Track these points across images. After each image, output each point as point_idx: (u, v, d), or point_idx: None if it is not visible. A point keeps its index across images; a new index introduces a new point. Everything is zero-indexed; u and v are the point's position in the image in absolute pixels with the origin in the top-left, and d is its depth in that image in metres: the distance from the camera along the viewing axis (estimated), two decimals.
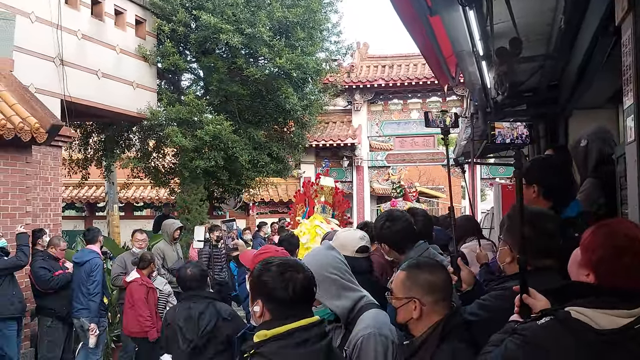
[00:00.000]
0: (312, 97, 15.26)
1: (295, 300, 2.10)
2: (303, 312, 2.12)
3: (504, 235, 2.68)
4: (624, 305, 1.68)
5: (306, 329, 2.08)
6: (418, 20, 3.81)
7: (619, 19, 2.62)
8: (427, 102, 21.43)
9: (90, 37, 11.28)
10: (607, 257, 1.72)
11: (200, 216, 13.52)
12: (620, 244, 1.70)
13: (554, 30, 4.27)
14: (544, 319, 1.77)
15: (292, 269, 2.14)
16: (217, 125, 12.65)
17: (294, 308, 2.11)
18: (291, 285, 2.10)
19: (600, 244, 1.75)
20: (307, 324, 2.09)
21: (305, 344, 2.05)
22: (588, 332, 1.67)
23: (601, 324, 1.67)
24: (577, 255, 1.86)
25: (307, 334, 2.07)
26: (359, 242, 3.39)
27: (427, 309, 2.31)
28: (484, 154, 9.84)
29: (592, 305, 1.70)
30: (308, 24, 13.72)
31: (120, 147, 15.21)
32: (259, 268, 2.21)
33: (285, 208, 21.97)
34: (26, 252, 7.32)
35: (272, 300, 2.12)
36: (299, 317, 2.09)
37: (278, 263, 2.18)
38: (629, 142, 2.53)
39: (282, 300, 2.10)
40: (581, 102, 5.06)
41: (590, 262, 1.77)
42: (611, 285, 1.70)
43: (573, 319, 1.70)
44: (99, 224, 20.19)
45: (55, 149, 9.96)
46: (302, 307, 2.13)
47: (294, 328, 2.06)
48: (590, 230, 1.81)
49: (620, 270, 1.69)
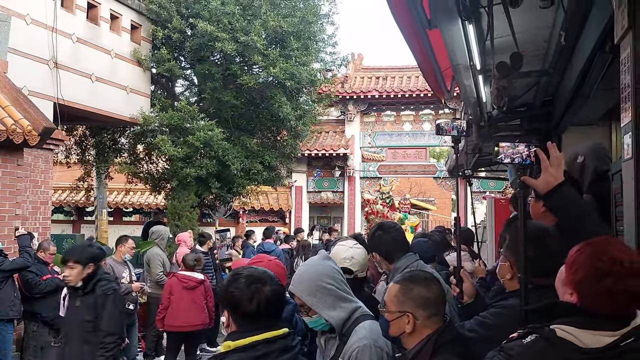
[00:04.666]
0: (306, 107, 15.30)
1: (261, 313, 2.12)
2: (269, 325, 2.13)
3: (505, 252, 2.67)
4: (608, 326, 1.67)
5: (270, 342, 2.09)
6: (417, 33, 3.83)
7: (618, 37, 2.64)
8: (420, 114, 21.54)
9: (85, 41, 11.26)
10: (588, 278, 1.70)
11: (190, 223, 13.49)
12: (601, 267, 1.67)
13: (551, 47, 4.30)
14: (529, 337, 1.77)
15: (259, 282, 2.15)
16: (208, 131, 12.64)
17: (260, 321, 2.12)
18: (257, 298, 2.12)
19: (583, 265, 1.72)
20: (271, 337, 2.10)
21: (267, 357, 2.07)
22: (572, 351, 1.67)
23: (586, 342, 1.66)
24: (562, 273, 1.85)
25: (270, 347, 2.08)
26: (342, 262, 3.32)
27: (420, 323, 2.30)
28: (475, 167, 9.89)
29: (576, 324, 1.69)
30: (303, 34, 13.77)
31: (112, 152, 15.16)
32: (227, 279, 2.23)
33: (276, 217, 21.96)
34: (30, 252, 7.30)
35: (238, 312, 2.14)
36: (264, 329, 2.11)
37: (246, 275, 2.19)
38: (625, 159, 2.54)
39: (248, 313, 2.12)
40: (575, 118, 5.09)
41: (573, 282, 1.75)
42: (592, 307, 1.69)
43: (558, 338, 1.69)
44: (88, 228, 20.10)
45: (46, 152, 9.90)
46: (268, 320, 2.14)
47: (258, 341, 2.08)
48: (576, 249, 1.79)
49: (601, 293, 1.67)
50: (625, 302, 1.67)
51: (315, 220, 23.32)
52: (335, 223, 21.63)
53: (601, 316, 1.68)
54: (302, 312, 2.68)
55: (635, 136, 2.41)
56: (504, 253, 2.65)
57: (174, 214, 13.60)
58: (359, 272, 3.40)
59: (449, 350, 2.28)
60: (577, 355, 1.66)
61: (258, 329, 2.10)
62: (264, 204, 21.60)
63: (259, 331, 2.10)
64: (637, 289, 1.66)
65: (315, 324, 2.65)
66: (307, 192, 22.34)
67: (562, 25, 3.56)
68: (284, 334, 2.15)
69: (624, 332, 1.67)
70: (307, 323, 2.69)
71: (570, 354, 1.67)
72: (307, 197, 22.36)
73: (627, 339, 1.66)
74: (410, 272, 2.57)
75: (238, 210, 20.43)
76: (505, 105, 3.36)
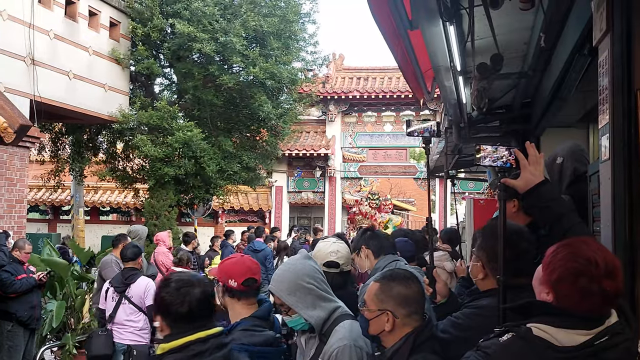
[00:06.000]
0: (287, 106, 15.28)
1: (192, 315, 2.21)
2: (201, 325, 2.22)
3: (477, 251, 2.68)
4: (582, 325, 1.70)
5: (203, 341, 2.18)
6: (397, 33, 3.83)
7: (596, 40, 2.66)
8: (401, 115, 21.62)
9: (63, 38, 11.13)
10: (564, 278, 1.72)
11: (168, 222, 13.40)
12: (577, 267, 1.70)
13: (530, 49, 4.34)
14: (506, 336, 1.79)
15: (188, 285, 2.24)
16: (187, 131, 12.57)
17: (192, 322, 2.21)
18: (187, 301, 2.20)
19: (559, 265, 1.75)
20: (204, 337, 2.19)
21: (201, 355, 2.15)
22: (548, 349, 1.69)
23: (561, 341, 1.69)
24: (539, 272, 1.88)
25: (204, 346, 2.17)
26: (328, 256, 3.38)
27: (399, 322, 2.30)
28: (454, 168, 9.96)
29: (552, 323, 1.72)
30: (284, 33, 13.75)
31: (89, 151, 14.99)
32: (158, 286, 2.33)
33: (256, 217, 21.88)
34: (5, 251, 7.20)
35: (170, 315, 2.23)
36: (196, 330, 2.19)
37: (175, 279, 2.29)
38: (603, 161, 2.57)
39: (179, 315, 2.20)
40: (553, 120, 5.14)
41: (549, 282, 1.77)
42: (568, 306, 1.72)
43: (534, 336, 1.72)
44: (64, 227, 19.88)
45: (22, 150, 9.76)
46: (200, 321, 2.23)
47: (191, 341, 2.16)
48: (552, 249, 1.81)
49: (577, 292, 1.70)
50: (600, 301, 1.70)
51: (295, 220, 23.30)
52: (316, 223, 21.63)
53: (576, 315, 1.71)
54: (282, 312, 2.67)
55: (612, 138, 2.44)
56: (475, 253, 2.65)
57: (151, 213, 13.49)
58: (345, 265, 3.44)
59: (428, 349, 2.29)
60: (553, 354, 1.69)
61: (190, 330, 2.19)
62: (244, 204, 21.52)
63: (191, 332, 2.19)
64: (612, 289, 1.70)
65: (294, 323, 2.64)
66: (287, 192, 22.31)
67: (542, 27, 3.59)
68: (216, 332, 2.24)
69: (598, 331, 1.70)
70: (287, 322, 2.68)
71: (545, 352, 1.70)
72: (287, 197, 22.33)
73: (601, 337, 1.69)
74: (391, 270, 2.57)
75: (217, 210, 20.34)
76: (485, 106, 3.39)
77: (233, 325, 2.70)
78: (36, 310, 7.65)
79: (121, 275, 6.50)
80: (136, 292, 6.32)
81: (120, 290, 6.34)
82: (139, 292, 6.31)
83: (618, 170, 2.41)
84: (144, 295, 6.28)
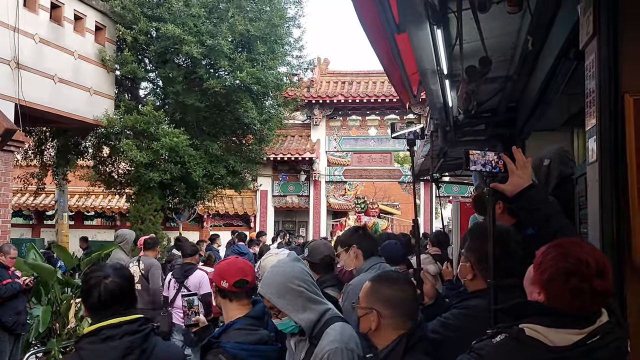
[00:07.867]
0: (272, 112, 15.26)
1: (104, 302, 2.39)
2: (116, 313, 2.38)
3: (466, 252, 2.70)
4: (574, 325, 1.72)
5: (115, 327, 2.34)
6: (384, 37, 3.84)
7: (583, 43, 2.69)
8: (385, 119, 21.68)
9: (48, 42, 11.04)
10: (555, 278, 1.74)
11: (154, 227, 13.33)
12: (568, 267, 1.72)
13: (517, 52, 4.37)
14: (498, 337, 1.80)
15: (100, 276, 2.43)
16: (174, 137, 12.51)
17: (106, 309, 2.39)
18: (97, 290, 2.39)
19: (550, 265, 1.77)
20: (116, 323, 2.35)
21: (112, 339, 2.32)
22: (541, 349, 1.71)
23: (554, 340, 1.70)
24: (530, 273, 1.89)
25: (115, 331, 2.33)
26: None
27: (385, 322, 2.32)
28: (439, 172, 10.01)
29: (544, 323, 1.74)
30: (270, 37, 13.74)
31: (74, 155, 14.87)
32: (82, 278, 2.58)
33: (241, 221, 21.83)
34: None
35: (86, 303, 2.46)
36: (110, 316, 2.37)
37: (91, 270, 2.51)
38: (590, 163, 2.59)
39: (93, 303, 2.41)
40: (538, 124, 5.19)
41: (541, 282, 1.79)
42: (559, 306, 1.73)
43: (526, 336, 1.73)
44: (48, 232, 19.68)
45: (6, 154, 9.65)
46: (114, 308, 2.40)
47: (103, 326, 2.34)
48: (543, 249, 1.83)
49: (568, 292, 1.71)
50: (591, 301, 1.72)
51: (280, 224, 23.26)
52: (301, 227, 21.62)
53: (568, 315, 1.73)
54: (272, 315, 2.66)
55: (599, 140, 2.47)
56: (464, 254, 2.68)
57: (137, 217, 13.41)
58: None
59: (420, 350, 2.30)
60: (545, 354, 1.70)
61: (105, 317, 2.36)
62: (229, 208, 21.45)
63: (105, 318, 2.36)
64: (602, 288, 1.72)
65: (284, 326, 2.63)
66: (272, 196, 22.27)
67: (529, 30, 3.62)
68: (131, 319, 2.39)
69: (590, 330, 1.71)
70: (277, 325, 2.66)
71: (538, 353, 1.71)
72: (272, 201, 22.29)
73: (593, 337, 1.71)
74: (385, 271, 2.60)
75: (202, 214, 20.25)
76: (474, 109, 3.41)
77: (228, 324, 2.73)
78: (22, 315, 7.57)
79: (181, 268, 7.81)
80: (193, 282, 7.51)
81: (180, 280, 7.60)
82: (195, 282, 7.50)
83: (605, 172, 2.44)
84: (198, 285, 7.40)
